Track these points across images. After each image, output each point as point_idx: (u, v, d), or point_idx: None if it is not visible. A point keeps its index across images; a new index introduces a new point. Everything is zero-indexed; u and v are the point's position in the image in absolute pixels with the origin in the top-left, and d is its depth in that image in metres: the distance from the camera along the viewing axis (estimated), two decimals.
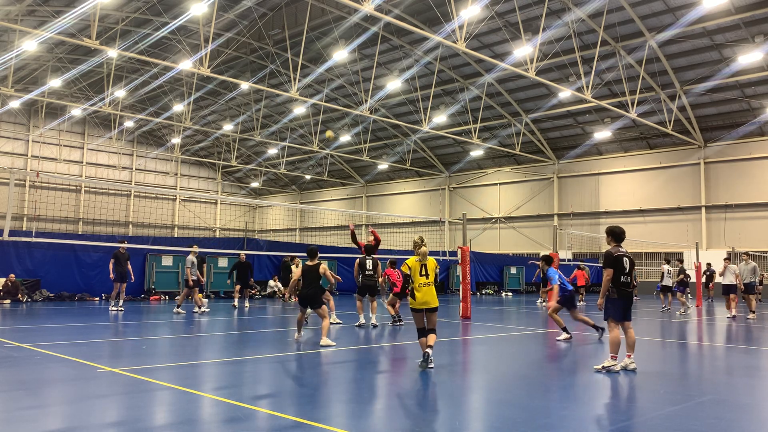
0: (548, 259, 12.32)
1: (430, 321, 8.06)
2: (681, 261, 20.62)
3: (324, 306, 10.33)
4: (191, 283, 15.96)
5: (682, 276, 19.56)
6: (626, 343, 8.10)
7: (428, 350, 7.89)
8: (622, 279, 7.95)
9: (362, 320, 13.30)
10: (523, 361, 9.03)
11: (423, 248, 8.10)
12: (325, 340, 9.80)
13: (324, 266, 10.27)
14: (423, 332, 8.04)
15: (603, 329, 11.29)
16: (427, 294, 7.98)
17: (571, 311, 11.49)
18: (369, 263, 13.40)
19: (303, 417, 5.34)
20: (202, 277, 17.40)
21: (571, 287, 11.61)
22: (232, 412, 5.52)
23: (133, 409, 5.63)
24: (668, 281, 20.05)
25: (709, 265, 27.84)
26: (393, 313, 13.67)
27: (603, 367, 7.88)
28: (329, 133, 15.33)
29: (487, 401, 6.41)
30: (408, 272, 7.97)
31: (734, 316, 16.98)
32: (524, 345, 10.73)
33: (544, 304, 24.12)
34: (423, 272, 7.96)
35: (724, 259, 18.06)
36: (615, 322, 8.02)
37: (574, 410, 5.87)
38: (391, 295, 14.07)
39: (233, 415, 5.39)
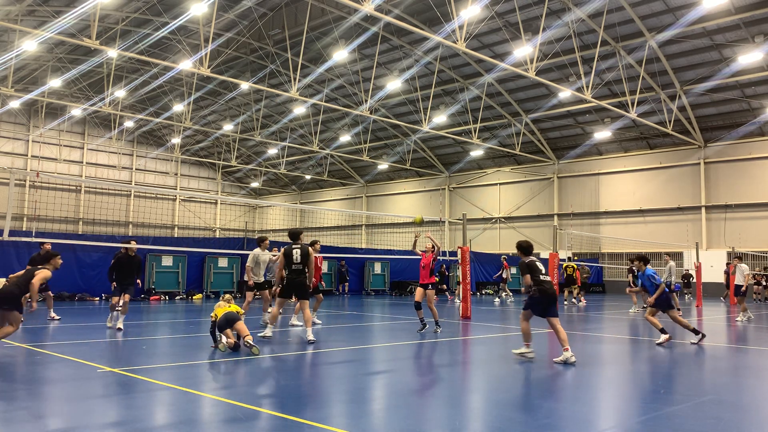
0: (645, 260, 12.01)
1: (241, 330, 9.11)
2: (639, 260, 20.24)
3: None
4: (251, 284, 13.36)
5: (631, 276, 19.57)
6: (559, 338, 8.60)
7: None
8: (540, 278, 8.81)
9: (268, 332, 10.53)
10: (522, 362, 9.03)
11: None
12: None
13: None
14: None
15: (703, 334, 11.15)
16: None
17: (669, 312, 11.37)
18: (296, 253, 10.43)
19: (303, 417, 5.34)
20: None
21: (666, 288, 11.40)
22: (232, 412, 5.52)
23: (133, 409, 5.63)
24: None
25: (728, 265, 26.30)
26: (435, 318, 12.17)
27: (520, 354, 8.82)
28: (418, 218, 13.98)
29: (487, 401, 6.41)
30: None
31: (749, 318, 16.58)
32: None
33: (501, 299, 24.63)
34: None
35: (735, 258, 17.39)
36: (529, 315, 8.89)
37: (575, 410, 5.87)
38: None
39: (233, 415, 5.39)
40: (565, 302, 22.60)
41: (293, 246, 10.46)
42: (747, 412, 5.99)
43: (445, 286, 25.81)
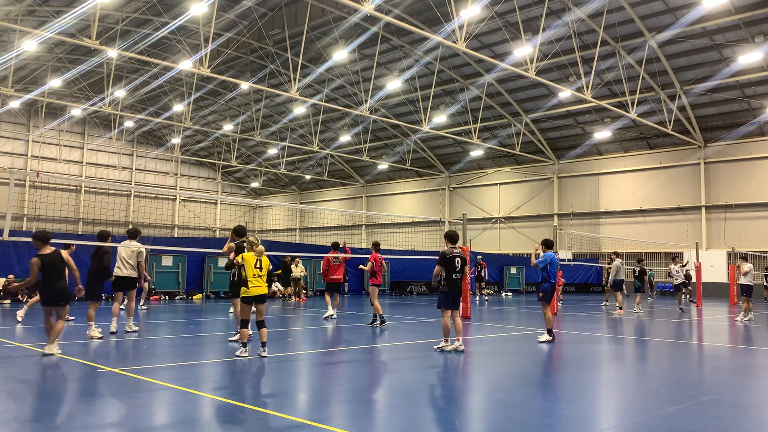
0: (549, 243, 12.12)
1: (260, 312, 8.64)
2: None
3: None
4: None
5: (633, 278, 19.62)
6: (455, 328, 9.37)
7: (262, 350, 8.51)
8: (453, 276, 9.35)
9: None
10: (523, 361, 9.04)
11: (260, 246, 8.84)
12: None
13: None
14: (247, 323, 8.63)
15: (552, 338, 11.06)
16: (260, 286, 8.60)
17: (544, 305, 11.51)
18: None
19: (303, 417, 5.35)
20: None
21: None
22: (232, 412, 5.52)
23: (133, 409, 5.63)
24: (622, 276, 19.71)
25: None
26: (379, 312, 12.98)
27: (438, 348, 9.36)
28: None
29: (487, 401, 6.41)
30: (242, 263, 8.58)
31: (750, 318, 16.49)
32: (524, 345, 10.73)
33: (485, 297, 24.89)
34: (258, 265, 8.60)
35: (741, 258, 17.19)
36: (445, 309, 9.36)
37: (574, 410, 5.87)
38: (371, 286, 13.30)
39: (233, 415, 5.39)
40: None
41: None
42: (747, 412, 5.99)
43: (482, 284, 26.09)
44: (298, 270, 22.95)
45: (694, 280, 24.93)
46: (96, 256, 10.96)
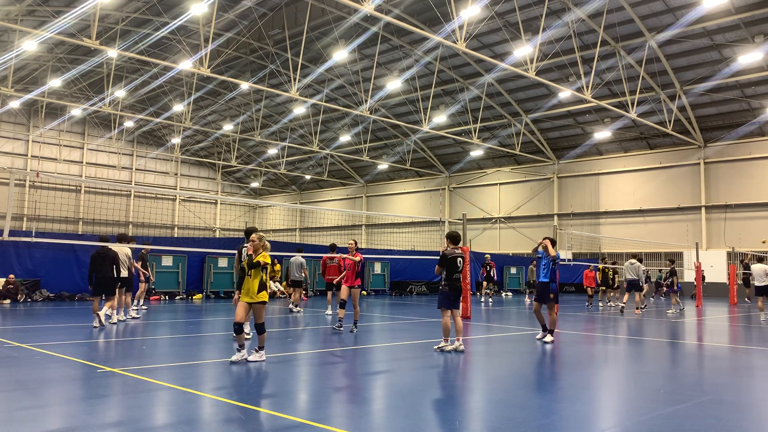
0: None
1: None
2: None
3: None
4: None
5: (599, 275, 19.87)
6: (455, 328, 9.39)
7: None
8: (454, 276, 9.41)
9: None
10: (523, 361, 9.03)
11: (268, 244, 8.55)
12: None
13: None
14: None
15: (550, 338, 10.97)
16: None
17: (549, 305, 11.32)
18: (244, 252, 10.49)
19: (303, 417, 5.35)
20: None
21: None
22: (232, 412, 5.52)
23: (133, 409, 5.62)
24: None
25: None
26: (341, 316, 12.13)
27: (438, 348, 9.36)
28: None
29: (487, 401, 6.40)
30: (269, 262, 8.31)
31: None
32: (524, 345, 10.72)
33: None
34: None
35: (757, 260, 17.31)
36: (445, 309, 9.37)
37: (574, 410, 5.87)
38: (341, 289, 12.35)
39: (233, 415, 5.39)
40: (600, 303, 22.55)
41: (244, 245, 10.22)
42: (747, 412, 5.99)
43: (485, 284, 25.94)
44: None
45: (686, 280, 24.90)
46: (108, 258, 12.16)
